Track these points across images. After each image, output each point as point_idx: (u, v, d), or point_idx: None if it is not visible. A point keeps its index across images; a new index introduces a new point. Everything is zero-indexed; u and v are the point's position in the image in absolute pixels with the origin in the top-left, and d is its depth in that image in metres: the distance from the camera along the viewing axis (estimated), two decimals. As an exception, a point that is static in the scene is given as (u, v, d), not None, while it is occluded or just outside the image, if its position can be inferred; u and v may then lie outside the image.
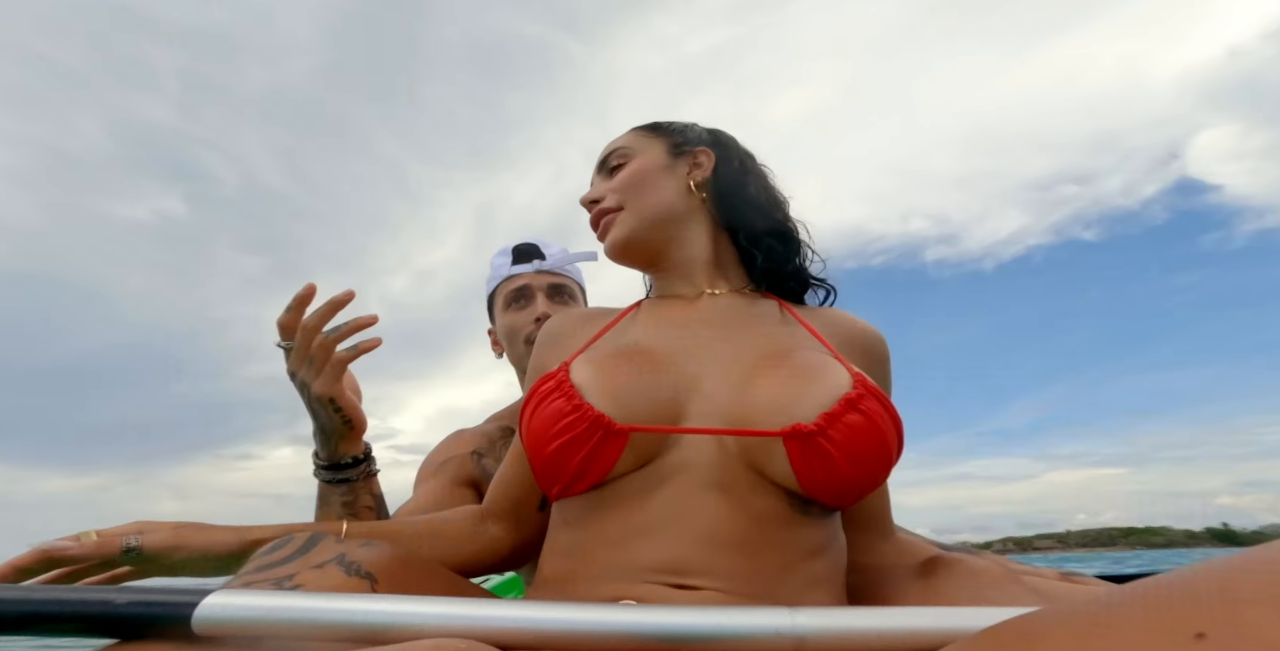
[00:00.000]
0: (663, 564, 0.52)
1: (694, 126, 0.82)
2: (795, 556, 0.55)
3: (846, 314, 0.74)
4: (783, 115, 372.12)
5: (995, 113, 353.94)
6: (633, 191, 0.74)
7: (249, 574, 0.47)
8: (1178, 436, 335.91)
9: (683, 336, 0.66)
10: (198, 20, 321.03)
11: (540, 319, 1.07)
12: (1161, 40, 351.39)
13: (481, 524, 0.72)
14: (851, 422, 0.54)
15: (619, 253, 0.75)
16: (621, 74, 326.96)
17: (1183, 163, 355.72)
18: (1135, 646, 0.23)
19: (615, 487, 0.57)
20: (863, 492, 0.58)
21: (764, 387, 0.58)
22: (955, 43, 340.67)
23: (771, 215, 0.76)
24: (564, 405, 0.57)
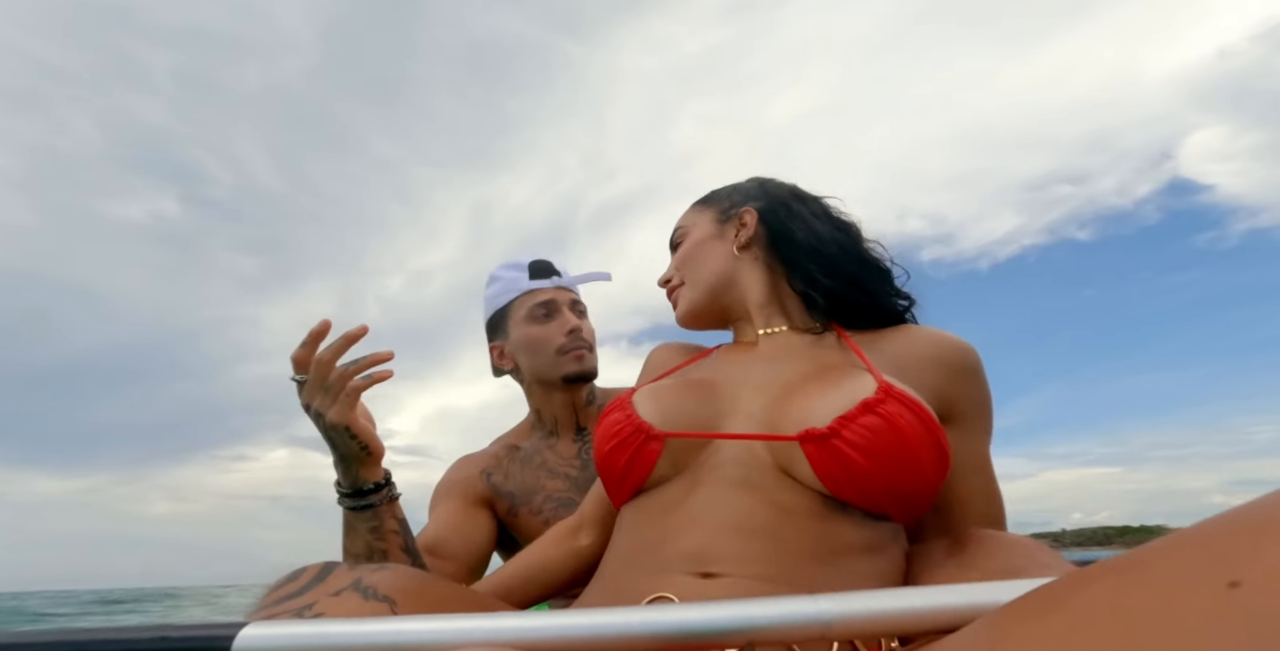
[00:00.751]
0: (690, 553, 0.54)
1: (742, 185, 0.88)
2: (830, 550, 0.55)
3: (924, 329, 0.74)
4: (779, 116, 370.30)
5: (990, 113, 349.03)
6: (688, 267, 0.84)
7: (269, 606, 0.48)
8: (1171, 436, 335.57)
9: (736, 371, 0.73)
10: (193, 20, 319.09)
11: (574, 331, 1.09)
12: (1153, 41, 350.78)
13: (574, 538, 0.82)
14: (867, 424, 0.56)
15: (687, 323, 0.85)
16: (619, 75, 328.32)
17: (1175, 163, 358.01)
18: (1169, 597, 0.23)
19: (656, 494, 0.64)
20: (899, 494, 0.58)
21: (792, 401, 0.63)
22: (950, 44, 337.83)
23: (820, 257, 0.78)
24: (619, 416, 0.68)
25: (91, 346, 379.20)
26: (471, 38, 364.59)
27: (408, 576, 0.52)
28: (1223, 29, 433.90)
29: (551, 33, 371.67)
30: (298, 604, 0.47)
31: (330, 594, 0.48)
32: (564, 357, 1.08)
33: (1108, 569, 0.27)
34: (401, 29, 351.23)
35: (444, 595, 0.53)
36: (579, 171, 27.90)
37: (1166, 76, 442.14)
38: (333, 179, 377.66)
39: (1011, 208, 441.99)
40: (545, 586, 0.79)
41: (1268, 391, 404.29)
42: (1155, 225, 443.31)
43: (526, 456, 1.12)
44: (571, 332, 1.09)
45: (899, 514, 0.60)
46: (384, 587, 0.49)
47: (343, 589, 0.49)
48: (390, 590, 0.49)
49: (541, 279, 1.13)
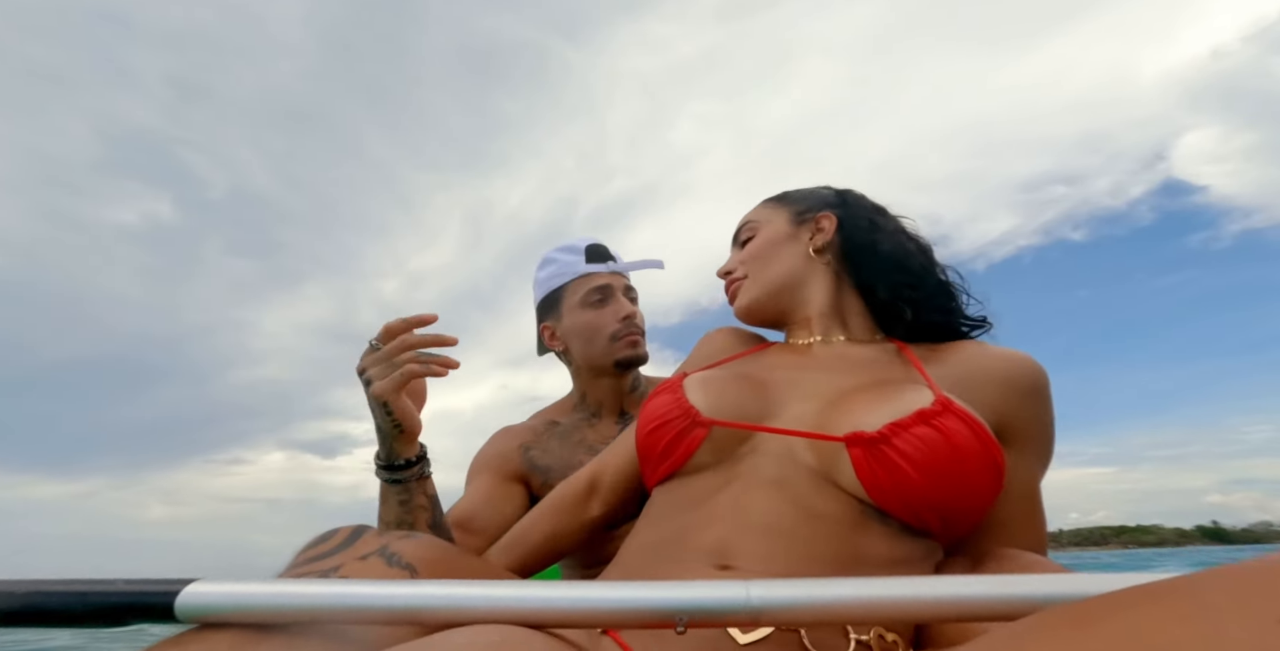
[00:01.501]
0: (713, 547, 0.54)
1: (820, 191, 0.88)
2: (856, 560, 0.54)
3: (988, 346, 0.72)
4: (775, 117, 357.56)
5: (984, 114, 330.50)
6: (756, 262, 0.83)
7: (298, 566, 0.50)
8: (1166, 435, 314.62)
9: (789, 374, 0.72)
10: (184, 23, 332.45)
11: (628, 317, 1.09)
12: (1146, 41, 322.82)
13: (585, 506, 0.81)
14: (921, 434, 0.55)
15: (743, 317, 0.85)
16: (616, 77, 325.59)
17: (1169, 164, 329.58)
18: (1214, 630, 0.22)
19: (690, 481, 0.64)
20: (944, 510, 0.56)
21: (845, 406, 0.62)
22: (944, 45, 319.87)
23: (907, 270, 0.77)
24: (668, 398, 0.69)
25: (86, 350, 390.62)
26: (467, 40, 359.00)
27: (432, 546, 0.53)
28: (1216, 30, 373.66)
29: (548, 35, 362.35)
30: (325, 565, 0.49)
31: (357, 557, 0.50)
32: (618, 343, 1.09)
33: (1146, 594, 0.26)
34: (397, 31, 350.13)
35: (464, 566, 0.54)
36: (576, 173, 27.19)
37: (1160, 77, 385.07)
38: (328, 182, 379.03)
39: (1006, 208, 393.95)
40: (556, 556, 0.80)
41: (1262, 391, 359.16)
42: (1149, 226, 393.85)
43: (565, 432, 1.12)
44: (625, 319, 1.10)
45: (941, 530, 0.58)
46: (409, 555, 0.51)
47: (370, 553, 0.50)
48: (414, 558, 0.51)
49: (598, 263, 1.13)
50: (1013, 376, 0.66)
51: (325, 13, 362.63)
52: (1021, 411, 0.65)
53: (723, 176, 19.65)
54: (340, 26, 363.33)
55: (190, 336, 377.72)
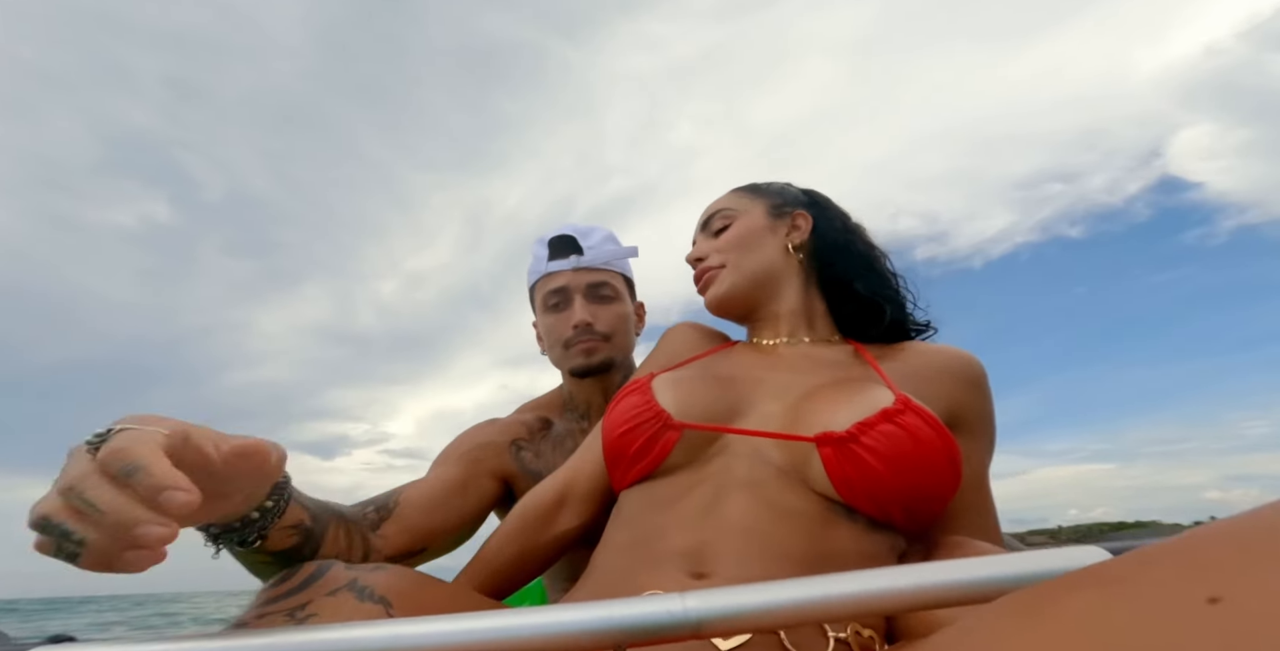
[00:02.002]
0: (686, 552, 0.54)
1: (790, 187, 0.89)
2: (827, 557, 0.55)
3: (931, 345, 0.78)
4: (772, 116, 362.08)
5: (981, 112, 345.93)
6: (735, 251, 0.81)
7: (262, 606, 0.47)
8: (1164, 432, 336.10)
9: (756, 374, 0.73)
10: (181, 24, 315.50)
11: (578, 325, 1.01)
12: (1140, 39, 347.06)
13: (557, 519, 0.76)
14: (886, 431, 0.57)
15: (717, 306, 0.83)
16: (613, 77, 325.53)
17: (1164, 161, 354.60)
18: (1146, 612, 0.22)
19: (660, 484, 0.64)
20: (909, 504, 0.58)
21: (811, 406, 0.64)
22: (940, 43, 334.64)
23: (871, 273, 0.82)
24: (637, 400, 0.68)
25: (84, 352, 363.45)
26: (465, 40, 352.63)
27: (404, 577, 0.52)
28: (1209, 27, 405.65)
29: (545, 35, 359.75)
30: (291, 604, 0.47)
31: (326, 593, 0.48)
32: (570, 351, 1.02)
33: (1092, 577, 0.26)
34: (394, 31, 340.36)
35: (440, 596, 0.53)
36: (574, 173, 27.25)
37: (1155, 75, 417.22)
38: (325, 182, 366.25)
39: (1004, 206, 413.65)
40: (530, 575, 0.76)
41: (1259, 387, 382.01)
42: (1145, 222, 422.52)
43: (559, 438, 1.05)
44: (577, 326, 1.01)
45: (906, 524, 0.60)
46: (381, 588, 0.49)
47: (338, 588, 0.49)
48: (387, 591, 0.49)
49: (560, 259, 1.04)
50: (957, 370, 0.71)
51: (322, 13, 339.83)
52: (968, 403, 0.70)
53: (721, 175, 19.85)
54: (337, 27, 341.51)
55: (188, 338, 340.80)
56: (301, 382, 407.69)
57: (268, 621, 0.46)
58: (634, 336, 1.09)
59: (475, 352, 20.87)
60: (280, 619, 0.46)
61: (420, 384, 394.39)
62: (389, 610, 0.47)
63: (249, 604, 0.49)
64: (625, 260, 1.11)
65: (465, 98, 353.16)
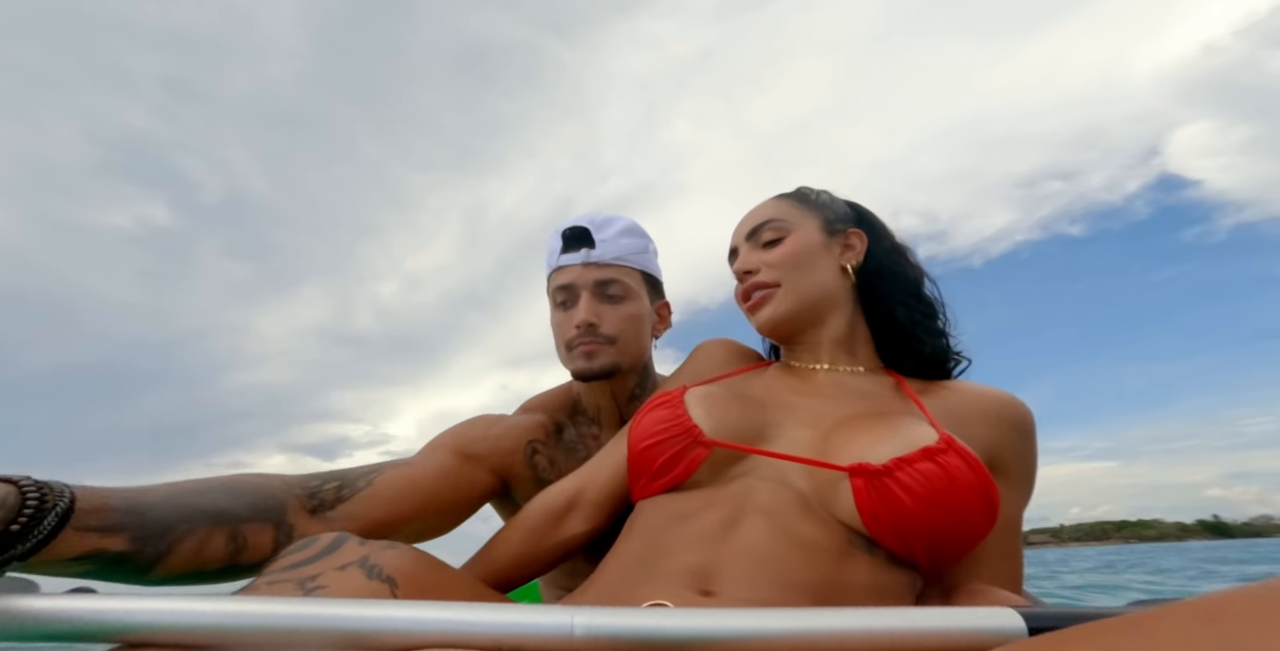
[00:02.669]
0: (695, 569, 0.54)
1: (836, 199, 0.83)
2: (839, 590, 0.54)
3: (977, 385, 0.74)
4: (770, 115, 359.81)
5: (980, 110, 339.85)
6: (791, 270, 0.76)
7: (274, 573, 0.48)
8: (1166, 429, 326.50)
9: (790, 399, 0.71)
10: (177, 24, 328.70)
11: (580, 326, 0.93)
12: (1138, 37, 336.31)
13: (565, 523, 0.74)
14: (924, 470, 0.55)
15: (771, 329, 0.78)
16: (610, 76, 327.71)
17: (1163, 159, 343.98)
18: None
19: (679, 498, 0.63)
20: (936, 543, 0.56)
21: (846, 436, 0.61)
22: (938, 42, 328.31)
23: (919, 300, 0.78)
24: (668, 413, 0.67)
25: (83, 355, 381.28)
26: (461, 40, 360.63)
27: (413, 558, 0.52)
28: (1207, 25, 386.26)
29: (541, 34, 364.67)
30: (303, 573, 0.48)
31: (336, 567, 0.49)
32: (572, 353, 0.95)
33: (1111, 628, 0.26)
34: (391, 32, 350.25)
35: (443, 580, 0.53)
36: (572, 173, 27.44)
37: (1152, 73, 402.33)
38: (323, 183, 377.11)
39: (1003, 204, 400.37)
40: (528, 576, 0.75)
41: (1260, 384, 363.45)
42: (1145, 220, 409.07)
43: (570, 444, 0.99)
44: (579, 326, 0.93)
45: (927, 563, 0.58)
46: (389, 567, 0.49)
47: (349, 564, 0.49)
48: (394, 570, 0.49)
49: (571, 252, 0.96)
50: (1004, 415, 0.69)
51: (318, 14, 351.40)
52: (1011, 449, 0.67)
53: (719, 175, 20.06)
54: (333, 28, 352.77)
55: (187, 340, 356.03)
56: (301, 384, 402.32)
57: (278, 588, 0.46)
58: (648, 339, 1.00)
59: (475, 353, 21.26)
60: (290, 587, 0.46)
61: (420, 385, 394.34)
62: (394, 589, 0.48)
63: (266, 567, 0.50)
64: (647, 255, 1.01)
65: (462, 97, 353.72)
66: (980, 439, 0.65)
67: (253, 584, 0.48)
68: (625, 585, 0.56)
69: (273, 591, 0.47)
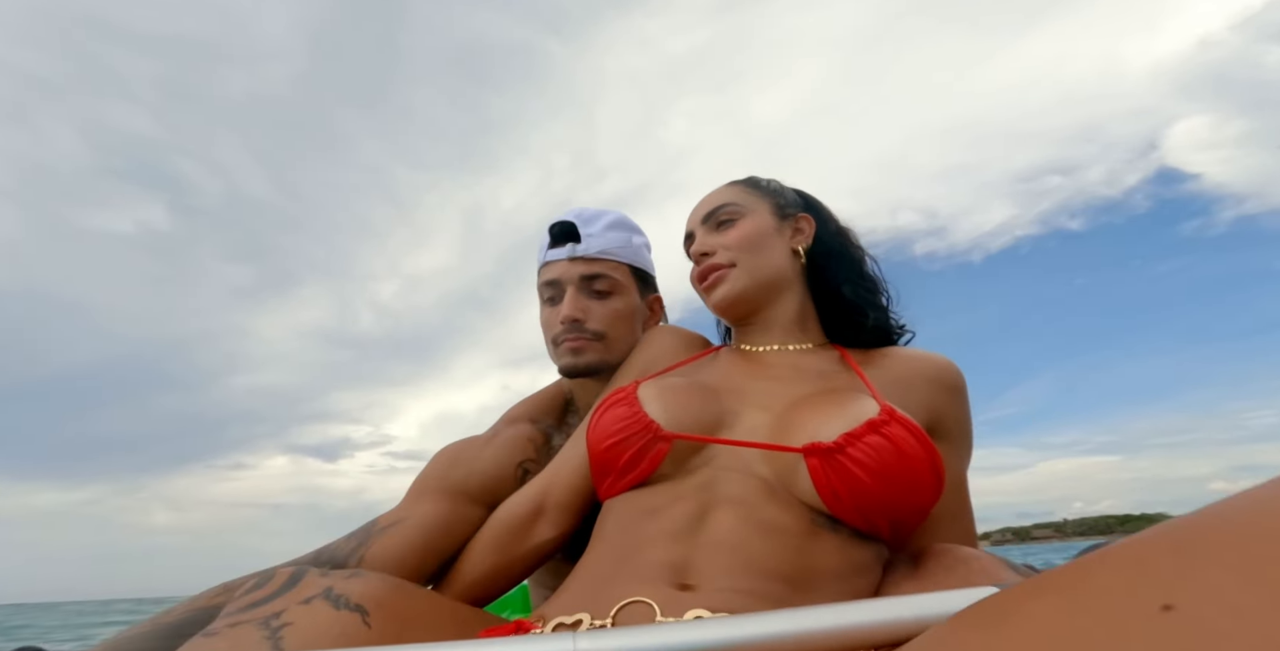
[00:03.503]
0: (671, 564, 0.54)
1: (785, 189, 0.88)
2: (811, 570, 0.55)
3: (912, 351, 0.79)
4: (768, 113, 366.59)
5: (978, 106, 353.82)
6: (745, 251, 0.79)
7: (235, 614, 0.47)
8: (1168, 423, 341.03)
9: (742, 383, 0.73)
10: (173, 27, 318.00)
11: (565, 321, 0.92)
12: (1135, 32, 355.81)
13: (534, 530, 0.75)
14: (873, 443, 0.57)
15: (725, 308, 0.81)
16: (605, 75, 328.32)
17: (1161, 152, 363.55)
18: (1104, 622, 0.22)
19: (646, 494, 0.63)
20: (895, 515, 0.58)
21: (798, 416, 0.63)
22: (935, 38, 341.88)
23: (863, 278, 0.82)
24: (625, 411, 0.67)
25: (85, 359, 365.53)
26: (457, 40, 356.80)
27: (382, 585, 0.51)
28: (1202, 20, 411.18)
29: (537, 33, 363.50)
30: (265, 611, 0.46)
31: (300, 602, 0.47)
32: (559, 349, 0.94)
33: (1052, 583, 0.26)
34: (386, 32, 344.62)
35: (418, 604, 0.52)
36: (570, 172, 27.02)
37: (1150, 67, 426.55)
38: (321, 184, 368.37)
39: (1003, 199, 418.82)
40: (507, 586, 0.76)
41: (1262, 376, 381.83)
42: (1144, 214, 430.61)
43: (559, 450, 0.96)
44: (563, 322, 0.93)
45: (890, 534, 0.60)
46: (356, 596, 0.48)
47: (313, 597, 0.48)
48: (363, 599, 0.48)
49: (558, 248, 0.96)
50: (937, 377, 0.73)
51: (313, 15, 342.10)
52: (948, 409, 0.71)
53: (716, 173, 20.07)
54: (328, 29, 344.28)
55: (189, 343, 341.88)
56: (303, 386, 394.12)
57: (241, 630, 0.45)
58: (638, 333, 0.99)
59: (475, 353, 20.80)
60: (254, 628, 0.45)
61: (421, 385, 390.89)
62: (365, 618, 0.47)
63: (224, 609, 0.48)
64: (636, 249, 1.00)
65: (459, 97, 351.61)
66: (921, 402, 0.69)
67: (212, 627, 0.46)
68: (603, 585, 0.57)
69: (235, 635, 0.45)
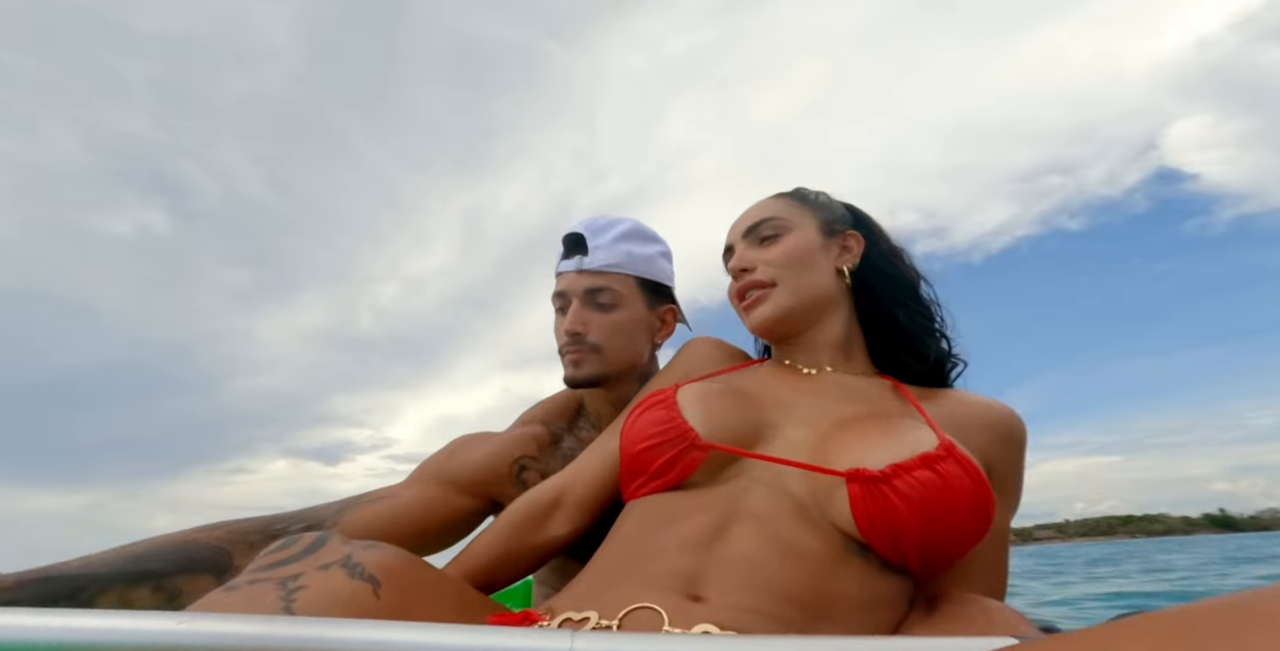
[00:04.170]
0: (686, 574, 0.53)
1: (834, 201, 0.83)
2: (829, 598, 0.53)
3: (973, 394, 0.73)
4: (767, 113, 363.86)
5: (977, 106, 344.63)
6: (789, 269, 0.75)
7: (255, 572, 0.48)
8: (1170, 422, 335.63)
9: (785, 397, 0.69)
10: (171, 29, 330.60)
11: (568, 332, 0.94)
12: (1133, 32, 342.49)
13: (549, 524, 0.74)
14: (922, 478, 0.54)
15: (766, 329, 0.77)
16: (605, 76, 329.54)
17: (1161, 152, 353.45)
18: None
19: (672, 498, 0.62)
20: (929, 552, 0.56)
21: (844, 439, 0.61)
22: (934, 38, 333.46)
23: (918, 303, 0.77)
24: (663, 414, 0.65)
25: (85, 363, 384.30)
26: (456, 41, 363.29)
27: (396, 557, 0.52)
28: (1200, 19, 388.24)
29: (536, 35, 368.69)
30: (284, 572, 0.47)
31: (318, 566, 0.48)
32: (563, 360, 0.96)
33: (1079, 642, 0.26)
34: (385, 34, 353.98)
35: (427, 580, 0.53)
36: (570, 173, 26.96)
37: (1147, 67, 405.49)
38: (321, 187, 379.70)
39: (1002, 199, 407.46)
40: (514, 577, 0.74)
41: (1263, 375, 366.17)
42: (1144, 213, 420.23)
43: (569, 454, 0.98)
44: (565, 334, 0.94)
45: (920, 570, 0.57)
46: (371, 566, 0.49)
47: (332, 563, 0.49)
48: (377, 569, 0.49)
49: (567, 259, 0.97)
50: (999, 425, 0.69)
51: (312, 16, 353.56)
52: (1004, 458, 0.68)
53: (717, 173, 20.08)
54: (327, 30, 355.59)
55: (189, 346, 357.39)
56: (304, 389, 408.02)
57: (258, 588, 0.46)
58: (643, 345, 0.99)
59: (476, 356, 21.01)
60: (271, 587, 0.46)
61: (422, 388, 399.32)
62: (376, 589, 0.47)
63: (249, 565, 0.50)
64: (650, 259, 0.99)
65: (458, 99, 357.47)
66: (977, 448, 0.64)
67: (233, 582, 0.47)
68: (612, 586, 0.56)
69: (252, 592, 0.46)
